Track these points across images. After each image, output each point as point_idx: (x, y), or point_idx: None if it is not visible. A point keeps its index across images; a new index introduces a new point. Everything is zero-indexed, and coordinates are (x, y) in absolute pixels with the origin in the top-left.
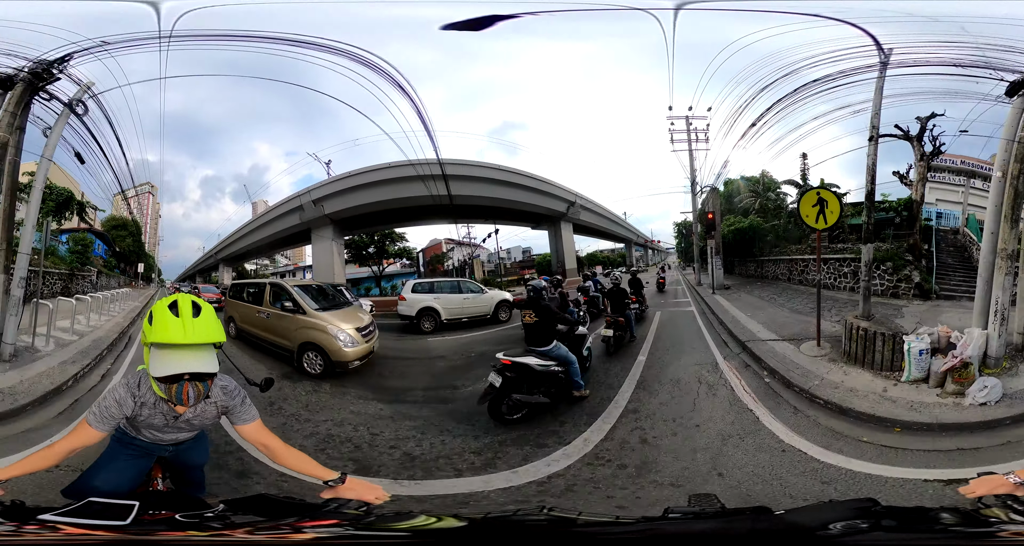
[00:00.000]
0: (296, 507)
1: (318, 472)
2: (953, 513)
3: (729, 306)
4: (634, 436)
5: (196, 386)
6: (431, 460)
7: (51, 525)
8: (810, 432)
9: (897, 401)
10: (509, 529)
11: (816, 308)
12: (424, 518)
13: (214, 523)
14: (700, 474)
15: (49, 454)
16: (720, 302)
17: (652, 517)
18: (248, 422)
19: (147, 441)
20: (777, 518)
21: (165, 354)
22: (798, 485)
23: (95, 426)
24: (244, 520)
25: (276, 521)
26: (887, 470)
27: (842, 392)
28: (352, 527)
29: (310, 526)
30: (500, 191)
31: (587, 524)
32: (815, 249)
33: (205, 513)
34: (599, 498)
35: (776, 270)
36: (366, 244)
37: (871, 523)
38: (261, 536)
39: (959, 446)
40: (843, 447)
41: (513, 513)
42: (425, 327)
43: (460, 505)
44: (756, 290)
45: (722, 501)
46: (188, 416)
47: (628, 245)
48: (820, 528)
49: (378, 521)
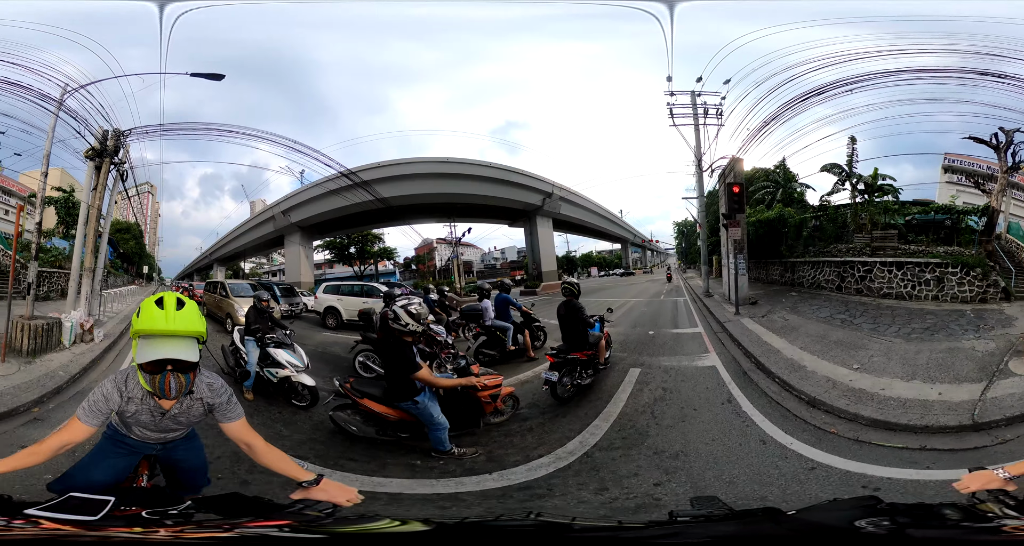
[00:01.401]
0: (263, 506)
1: (295, 472)
2: (954, 509)
3: (801, 354)
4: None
5: (178, 377)
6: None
7: (32, 520)
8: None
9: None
10: (489, 535)
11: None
12: (388, 521)
13: (176, 519)
14: None
15: (39, 450)
16: (768, 341)
17: (661, 521)
18: (233, 420)
19: (136, 439)
20: (792, 519)
21: (149, 343)
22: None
23: (84, 421)
24: (204, 518)
25: (234, 519)
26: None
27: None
28: (303, 529)
29: (259, 526)
30: (466, 186)
31: (585, 530)
32: (879, 249)
33: (169, 510)
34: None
35: (816, 275)
36: (346, 245)
37: (881, 519)
38: (203, 534)
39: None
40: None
41: (496, 518)
42: (328, 324)
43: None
44: (802, 306)
45: (725, 502)
46: (174, 412)
47: (624, 245)
48: (835, 527)
49: (334, 524)
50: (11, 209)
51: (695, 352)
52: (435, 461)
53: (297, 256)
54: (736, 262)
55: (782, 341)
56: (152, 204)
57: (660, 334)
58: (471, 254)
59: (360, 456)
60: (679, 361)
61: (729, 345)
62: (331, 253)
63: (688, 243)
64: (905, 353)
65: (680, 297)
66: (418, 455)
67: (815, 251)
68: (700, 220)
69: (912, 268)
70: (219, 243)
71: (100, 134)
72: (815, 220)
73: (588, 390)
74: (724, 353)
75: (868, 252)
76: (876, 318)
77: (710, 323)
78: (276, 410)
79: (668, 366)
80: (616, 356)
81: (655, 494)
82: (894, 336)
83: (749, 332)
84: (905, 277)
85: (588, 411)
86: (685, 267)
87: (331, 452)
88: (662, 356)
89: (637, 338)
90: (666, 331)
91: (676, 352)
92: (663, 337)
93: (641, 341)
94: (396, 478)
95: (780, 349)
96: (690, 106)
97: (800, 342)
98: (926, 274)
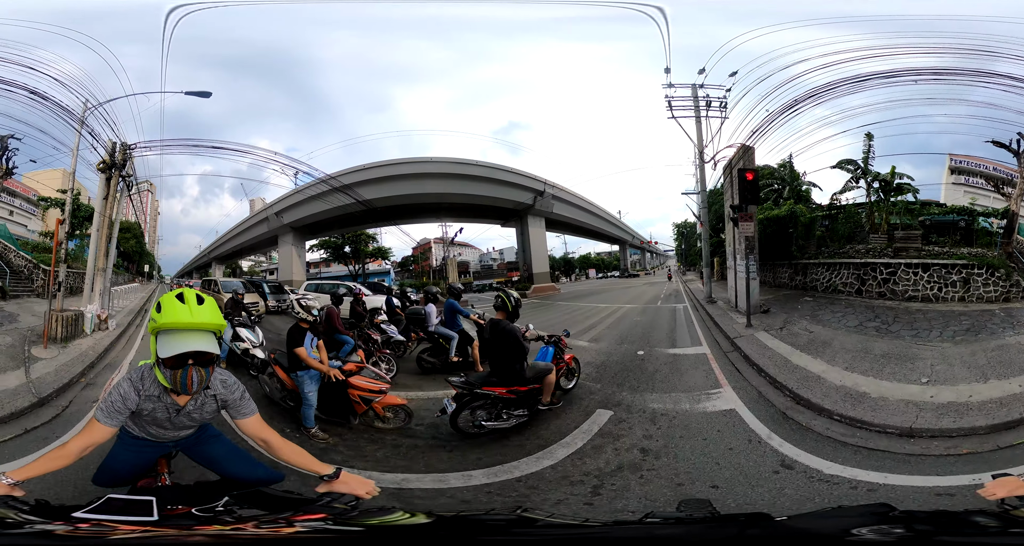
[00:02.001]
0: (293, 500)
1: (314, 466)
2: (984, 516)
3: (852, 377)
4: None
5: (199, 371)
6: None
7: (82, 522)
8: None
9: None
10: (472, 528)
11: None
12: (400, 514)
13: (224, 515)
14: None
15: (63, 453)
16: (799, 363)
17: (623, 521)
18: (247, 416)
19: (151, 439)
20: (776, 525)
21: (172, 337)
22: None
23: (104, 422)
24: (249, 514)
25: (276, 514)
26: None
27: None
28: (335, 522)
29: (301, 520)
30: (454, 186)
31: (549, 526)
32: (901, 250)
33: (216, 506)
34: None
35: (833, 278)
36: (341, 245)
37: (894, 529)
38: (264, 530)
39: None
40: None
41: (486, 512)
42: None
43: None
44: (822, 313)
45: (715, 508)
46: (189, 409)
47: (623, 247)
48: (832, 536)
49: (360, 516)
50: (14, 209)
51: (700, 386)
52: (299, 433)
53: (289, 255)
54: (747, 264)
55: (819, 362)
56: (152, 202)
57: (652, 355)
58: (469, 254)
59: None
60: (677, 402)
61: (748, 373)
62: (327, 252)
63: (687, 245)
64: (961, 356)
65: (679, 303)
66: (290, 425)
67: (829, 252)
68: (702, 217)
69: (939, 269)
70: (218, 241)
71: (109, 147)
72: (824, 220)
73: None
74: (744, 386)
75: (890, 253)
76: (911, 323)
77: (717, 339)
78: (238, 377)
79: (659, 410)
80: (584, 386)
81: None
82: (939, 341)
83: (770, 352)
84: (932, 279)
85: (491, 457)
86: (684, 269)
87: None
88: (650, 392)
89: (621, 360)
90: (660, 351)
91: (672, 385)
92: (656, 360)
93: (625, 365)
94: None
95: (821, 374)
96: (691, 99)
97: (841, 360)
98: (952, 275)
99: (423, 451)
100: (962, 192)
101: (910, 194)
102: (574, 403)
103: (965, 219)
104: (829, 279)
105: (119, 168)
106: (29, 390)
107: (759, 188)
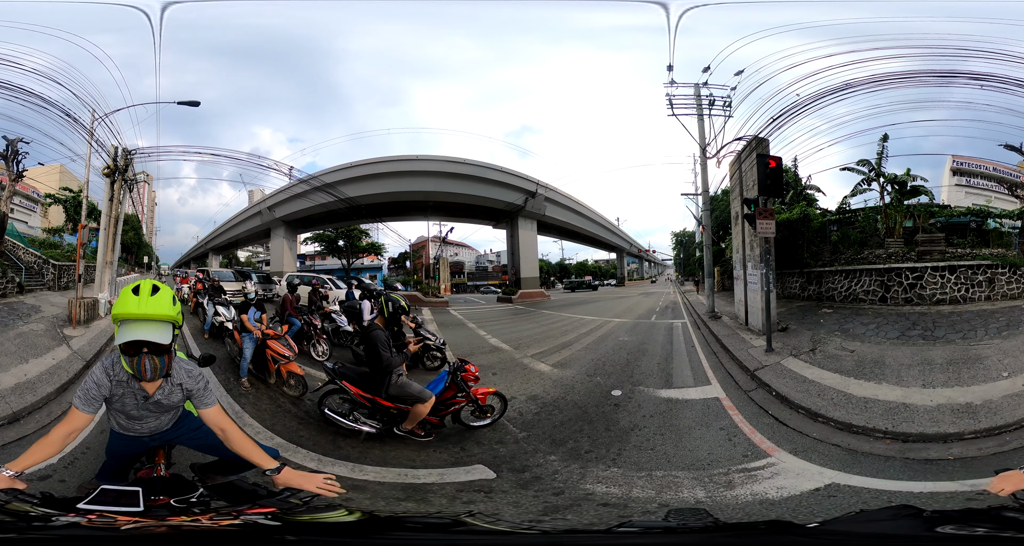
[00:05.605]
0: (260, 493)
1: (259, 460)
2: (1013, 512)
3: (933, 394)
4: None
5: (152, 359)
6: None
7: (82, 513)
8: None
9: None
10: (400, 528)
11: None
12: (341, 512)
13: (197, 508)
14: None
15: (50, 442)
16: (862, 394)
17: (577, 530)
18: (208, 406)
19: (131, 435)
20: (814, 531)
21: (126, 326)
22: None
23: (81, 409)
24: (217, 506)
25: (231, 507)
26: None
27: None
28: (279, 516)
29: (251, 513)
30: (444, 184)
31: (488, 532)
32: (925, 253)
33: (190, 498)
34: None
35: (852, 286)
36: (335, 239)
37: (926, 530)
38: (212, 523)
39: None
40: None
41: (426, 515)
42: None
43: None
44: (851, 326)
45: (714, 515)
46: (157, 397)
47: (620, 254)
48: (907, 537)
49: (307, 511)
50: (15, 207)
51: (723, 456)
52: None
53: (281, 248)
54: (766, 274)
55: (887, 387)
56: (148, 193)
57: (636, 400)
58: (466, 255)
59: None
60: (677, 490)
61: (795, 420)
62: (321, 246)
63: (687, 254)
64: (1019, 348)
65: (677, 319)
66: (296, 426)
67: (847, 258)
68: (704, 221)
69: (965, 271)
70: (215, 232)
71: (112, 152)
72: (834, 224)
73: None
74: (805, 444)
75: (914, 257)
76: (953, 326)
77: (731, 372)
78: (217, 345)
79: (622, 507)
80: (502, 427)
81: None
82: (988, 338)
83: (814, 385)
84: (959, 280)
85: (329, 443)
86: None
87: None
88: (611, 466)
89: (582, 401)
90: (648, 393)
91: (663, 456)
92: (640, 408)
93: (585, 411)
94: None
95: (902, 400)
96: (693, 98)
97: (912, 379)
98: (978, 276)
99: (294, 418)
100: (963, 193)
101: (924, 196)
102: (454, 442)
103: (976, 220)
104: (848, 287)
105: (122, 173)
106: (77, 357)
107: (783, 179)
